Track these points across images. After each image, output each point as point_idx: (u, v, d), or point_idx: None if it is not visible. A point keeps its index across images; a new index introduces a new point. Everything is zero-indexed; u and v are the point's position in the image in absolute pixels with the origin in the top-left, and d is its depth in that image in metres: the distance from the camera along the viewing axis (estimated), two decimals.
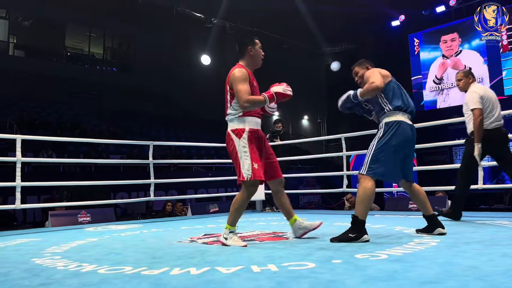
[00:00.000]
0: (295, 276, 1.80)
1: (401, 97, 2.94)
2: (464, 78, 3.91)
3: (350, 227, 2.79)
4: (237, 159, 2.83)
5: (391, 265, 1.95)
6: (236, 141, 2.83)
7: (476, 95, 3.73)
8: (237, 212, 2.86)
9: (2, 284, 1.86)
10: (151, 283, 1.78)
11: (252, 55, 2.97)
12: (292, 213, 3.08)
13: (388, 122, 2.87)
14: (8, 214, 8.54)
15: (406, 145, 2.87)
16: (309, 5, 16.13)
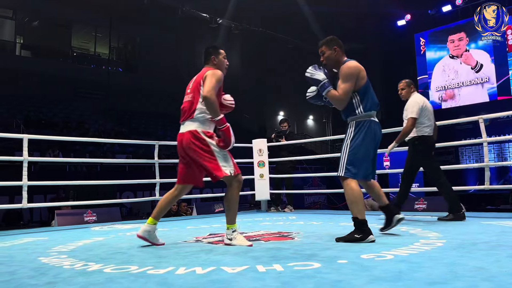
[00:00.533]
0: (300, 276, 1.80)
1: (372, 98, 2.98)
2: (407, 88, 4.26)
3: (355, 229, 2.80)
4: (213, 158, 2.81)
5: (397, 266, 1.94)
6: (209, 140, 2.84)
7: (417, 105, 4.07)
8: (234, 210, 2.87)
9: (9, 282, 1.88)
10: (156, 282, 1.79)
11: (216, 64, 3.02)
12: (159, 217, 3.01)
13: (359, 122, 2.92)
14: (15, 213, 8.60)
15: (375, 143, 2.96)
16: (315, 5, 16.11)
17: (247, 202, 10.82)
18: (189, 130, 2.86)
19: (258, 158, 6.24)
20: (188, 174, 2.97)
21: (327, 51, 3.12)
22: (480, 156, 13.66)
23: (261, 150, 6.25)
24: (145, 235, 2.89)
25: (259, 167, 6.22)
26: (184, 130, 2.89)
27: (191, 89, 2.96)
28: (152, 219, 2.93)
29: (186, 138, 2.86)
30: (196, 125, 2.86)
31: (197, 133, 2.84)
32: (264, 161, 6.21)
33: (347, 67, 2.96)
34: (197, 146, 2.82)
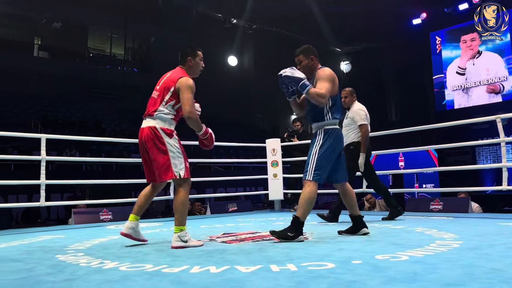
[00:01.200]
0: (314, 276, 1.79)
1: (341, 109, 3.18)
2: (350, 96, 4.48)
3: (289, 226, 2.92)
4: (165, 157, 2.82)
5: (412, 267, 1.92)
6: (166, 138, 2.86)
7: (363, 113, 4.32)
8: (184, 212, 2.82)
9: (28, 279, 1.92)
10: (171, 281, 1.80)
11: (191, 66, 3.05)
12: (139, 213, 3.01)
13: (327, 129, 3.08)
14: (33, 211, 8.75)
15: (340, 150, 3.14)
16: (328, 5, 16.03)
17: (261, 201, 10.83)
18: (149, 126, 2.88)
19: (271, 158, 6.24)
20: (148, 171, 2.99)
21: (304, 60, 3.22)
22: (498, 156, 13.41)
23: (274, 149, 6.25)
24: (130, 232, 2.91)
25: (273, 167, 6.22)
26: (145, 125, 2.92)
27: (160, 88, 2.96)
28: (133, 215, 2.96)
29: (145, 134, 2.88)
30: (156, 122, 2.88)
31: (155, 129, 2.87)
32: (278, 161, 6.21)
33: (327, 70, 3.12)
34: (154, 144, 2.84)
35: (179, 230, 2.77)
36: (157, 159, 2.83)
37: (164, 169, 2.82)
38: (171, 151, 2.84)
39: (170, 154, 2.83)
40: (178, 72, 2.99)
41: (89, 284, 1.78)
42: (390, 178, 10.57)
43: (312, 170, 2.98)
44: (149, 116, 2.91)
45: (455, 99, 15.73)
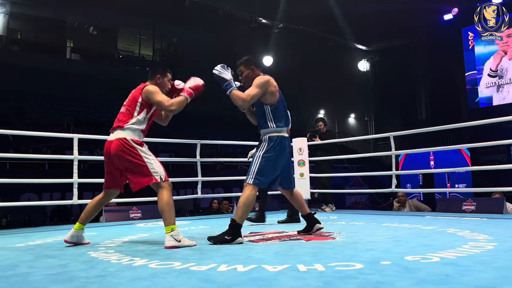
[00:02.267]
0: (342, 277, 1.78)
1: (285, 116, 3.21)
2: None
3: (227, 229, 2.93)
4: (142, 165, 2.89)
5: (443, 268, 1.88)
6: (138, 148, 2.93)
7: None
8: (171, 212, 2.86)
9: (62, 275, 1.98)
10: (199, 278, 1.82)
11: (158, 83, 3.13)
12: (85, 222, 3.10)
13: (272, 137, 3.13)
14: (66, 209, 9.02)
15: (285, 157, 3.19)
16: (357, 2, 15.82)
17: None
18: (118, 138, 2.94)
19: (298, 157, 6.21)
20: (111, 179, 3.06)
21: (245, 71, 3.27)
22: None
23: (301, 149, 6.21)
24: (73, 240, 2.98)
25: (299, 166, 6.18)
26: (113, 138, 2.98)
27: (128, 102, 3.10)
28: (79, 224, 3.03)
29: (115, 146, 2.94)
30: (125, 133, 2.96)
31: (126, 140, 2.93)
32: (304, 160, 6.18)
33: (260, 77, 3.15)
34: (127, 154, 2.90)
35: (171, 230, 2.79)
36: (134, 169, 2.91)
37: (145, 176, 2.89)
38: (146, 157, 2.93)
39: (147, 161, 2.91)
40: (142, 85, 3.13)
41: (120, 281, 1.82)
42: (420, 178, 10.35)
43: (254, 175, 3.02)
44: (119, 128, 3.00)
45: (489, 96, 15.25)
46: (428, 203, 7.36)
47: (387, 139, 5.61)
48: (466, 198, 5.22)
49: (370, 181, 13.71)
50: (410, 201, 6.79)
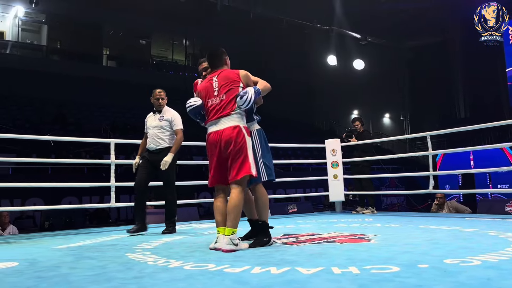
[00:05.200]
0: (378, 280, 1.74)
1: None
2: (166, 98, 4.38)
3: (262, 232, 2.93)
4: (246, 155, 2.78)
5: (484, 272, 1.81)
6: (247, 138, 2.84)
7: (180, 117, 4.27)
8: (239, 215, 2.79)
9: (101, 275, 2.04)
10: (233, 280, 1.83)
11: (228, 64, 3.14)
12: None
13: (258, 129, 3.12)
14: (104, 212, 9.30)
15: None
16: (390, 2, 15.53)
17: (321, 203, 10.71)
18: (231, 126, 2.81)
19: (331, 158, 6.15)
20: (222, 173, 2.87)
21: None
22: None
23: (334, 150, 6.15)
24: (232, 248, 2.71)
25: (333, 168, 6.12)
26: (222, 127, 2.82)
27: (224, 90, 2.90)
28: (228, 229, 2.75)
29: (227, 134, 2.79)
30: (236, 121, 2.84)
31: (240, 128, 2.82)
32: (338, 162, 6.10)
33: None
34: (240, 142, 2.78)
35: (231, 233, 2.72)
36: (239, 158, 2.78)
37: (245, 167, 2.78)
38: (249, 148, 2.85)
39: (249, 153, 2.83)
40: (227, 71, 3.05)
41: (156, 282, 1.86)
42: (459, 178, 10.01)
43: (265, 171, 2.98)
44: (225, 116, 2.84)
45: None
46: (469, 204, 7.10)
47: (424, 139, 5.46)
48: (509, 199, 5.01)
49: (407, 182, 13.38)
50: (449, 202, 6.57)
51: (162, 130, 4.19)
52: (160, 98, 4.30)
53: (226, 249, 2.65)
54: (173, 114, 4.27)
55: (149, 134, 4.23)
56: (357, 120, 6.44)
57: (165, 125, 4.21)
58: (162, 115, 4.25)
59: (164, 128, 4.20)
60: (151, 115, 4.34)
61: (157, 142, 4.17)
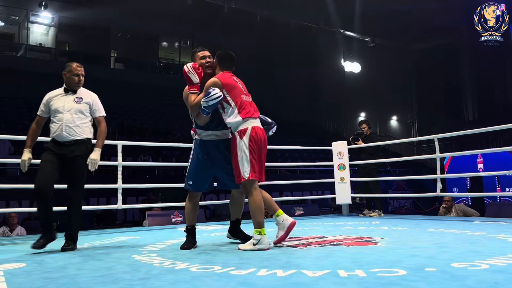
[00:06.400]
0: (384, 283, 1.73)
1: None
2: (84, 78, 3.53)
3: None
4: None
5: (492, 276, 1.79)
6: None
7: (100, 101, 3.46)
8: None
9: (107, 277, 2.05)
10: (239, 282, 1.83)
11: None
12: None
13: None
14: (111, 214, 9.35)
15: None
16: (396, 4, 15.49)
17: (328, 205, 10.67)
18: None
19: (338, 161, 6.13)
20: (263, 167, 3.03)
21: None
22: None
23: (341, 152, 6.13)
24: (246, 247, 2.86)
25: (340, 170, 6.10)
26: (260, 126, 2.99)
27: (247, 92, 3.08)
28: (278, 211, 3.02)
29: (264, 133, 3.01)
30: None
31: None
32: (345, 164, 6.08)
33: None
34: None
35: (257, 233, 2.84)
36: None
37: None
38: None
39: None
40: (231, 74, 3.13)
41: (162, 283, 1.87)
42: (467, 182, 9.93)
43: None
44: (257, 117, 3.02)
45: None
46: (477, 208, 7.04)
47: (432, 142, 5.42)
48: None
49: (414, 185, 13.30)
50: (457, 205, 6.52)
51: (80, 116, 3.22)
52: (81, 74, 3.34)
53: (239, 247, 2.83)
54: (94, 96, 3.39)
55: (57, 120, 3.16)
56: (364, 122, 6.41)
57: (84, 110, 3.26)
58: (79, 96, 3.28)
59: (83, 113, 3.25)
60: (59, 96, 3.26)
61: (73, 131, 3.16)
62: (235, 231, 3.33)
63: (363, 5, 15.83)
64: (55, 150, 3.13)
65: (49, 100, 3.24)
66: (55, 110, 3.18)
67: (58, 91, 3.29)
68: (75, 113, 3.20)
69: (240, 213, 3.36)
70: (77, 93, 3.29)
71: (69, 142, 3.14)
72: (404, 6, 15.63)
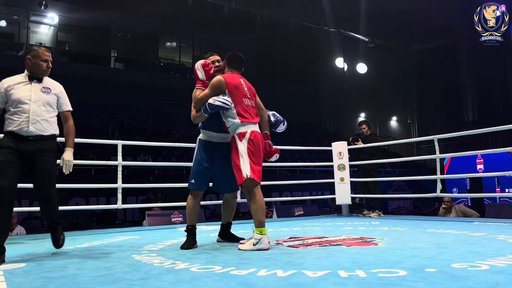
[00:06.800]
0: (385, 283, 1.73)
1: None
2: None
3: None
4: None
5: (493, 277, 1.79)
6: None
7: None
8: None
9: (107, 276, 2.05)
10: (239, 283, 1.83)
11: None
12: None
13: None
14: (111, 213, 9.35)
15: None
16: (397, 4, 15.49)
17: (328, 206, 10.67)
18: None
19: (338, 161, 6.13)
20: None
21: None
22: None
23: (341, 153, 6.13)
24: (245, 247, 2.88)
25: (339, 171, 6.10)
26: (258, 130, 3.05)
27: (252, 97, 3.13)
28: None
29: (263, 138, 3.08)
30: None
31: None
32: (345, 164, 6.08)
33: None
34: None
35: (259, 232, 2.85)
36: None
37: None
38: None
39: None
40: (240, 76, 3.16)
41: (162, 283, 1.86)
42: (467, 182, 9.93)
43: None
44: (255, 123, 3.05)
45: None
46: (477, 208, 7.04)
47: (431, 142, 5.42)
48: None
49: (414, 185, 13.30)
50: (457, 206, 6.52)
51: (48, 109, 2.82)
52: (49, 60, 2.89)
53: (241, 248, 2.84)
54: (61, 88, 2.97)
55: (20, 111, 2.73)
56: (364, 123, 6.41)
57: (52, 102, 2.86)
58: (47, 86, 2.86)
59: (51, 106, 2.85)
60: (21, 84, 2.80)
61: (40, 125, 2.76)
62: (226, 234, 3.37)
63: (363, 6, 15.84)
64: (18, 147, 2.68)
65: (8, 88, 2.76)
66: (17, 100, 2.73)
67: (19, 78, 2.82)
68: (43, 105, 2.79)
69: (231, 216, 3.39)
70: (42, 82, 2.85)
71: (34, 137, 2.73)
72: (404, 6, 15.64)
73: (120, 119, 15.05)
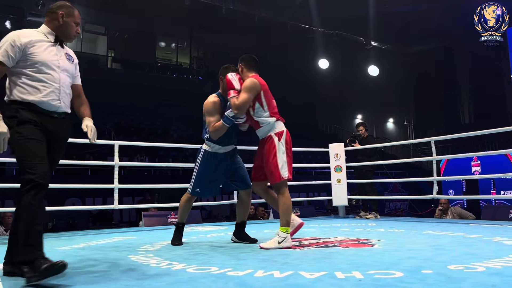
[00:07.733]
0: (381, 285, 1.73)
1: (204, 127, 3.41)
2: None
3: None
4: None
5: (489, 279, 1.80)
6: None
7: None
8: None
9: (104, 277, 2.04)
10: (236, 283, 1.83)
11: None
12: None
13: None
14: (107, 214, 9.32)
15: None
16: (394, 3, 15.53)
17: (324, 207, 10.68)
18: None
19: (335, 163, 6.14)
20: None
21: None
22: None
23: (338, 154, 6.14)
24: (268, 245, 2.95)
25: (336, 172, 6.11)
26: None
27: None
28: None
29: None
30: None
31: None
32: (342, 166, 6.09)
33: None
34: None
35: (285, 231, 2.93)
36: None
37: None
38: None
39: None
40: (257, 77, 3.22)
41: (159, 284, 1.86)
42: (463, 184, 9.97)
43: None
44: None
45: None
46: (473, 210, 7.07)
47: (428, 144, 5.43)
48: None
49: (410, 187, 13.34)
50: (453, 208, 6.54)
51: (71, 81, 2.34)
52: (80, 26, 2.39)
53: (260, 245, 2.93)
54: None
55: (48, 79, 2.15)
56: (361, 125, 6.43)
57: (74, 73, 2.39)
58: (69, 54, 2.35)
59: (73, 76, 2.38)
60: (44, 42, 2.18)
61: (67, 100, 2.28)
62: (241, 234, 3.34)
63: (361, 7, 15.87)
64: (46, 124, 2.13)
65: (29, 44, 2.11)
66: (43, 62, 2.13)
67: (39, 35, 2.19)
68: (68, 76, 2.28)
69: (246, 215, 3.40)
70: (64, 47, 2.30)
71: (59, 114, 2.19)
72: (401, 7, 15.68)
73: (117, 119, 15.02)
